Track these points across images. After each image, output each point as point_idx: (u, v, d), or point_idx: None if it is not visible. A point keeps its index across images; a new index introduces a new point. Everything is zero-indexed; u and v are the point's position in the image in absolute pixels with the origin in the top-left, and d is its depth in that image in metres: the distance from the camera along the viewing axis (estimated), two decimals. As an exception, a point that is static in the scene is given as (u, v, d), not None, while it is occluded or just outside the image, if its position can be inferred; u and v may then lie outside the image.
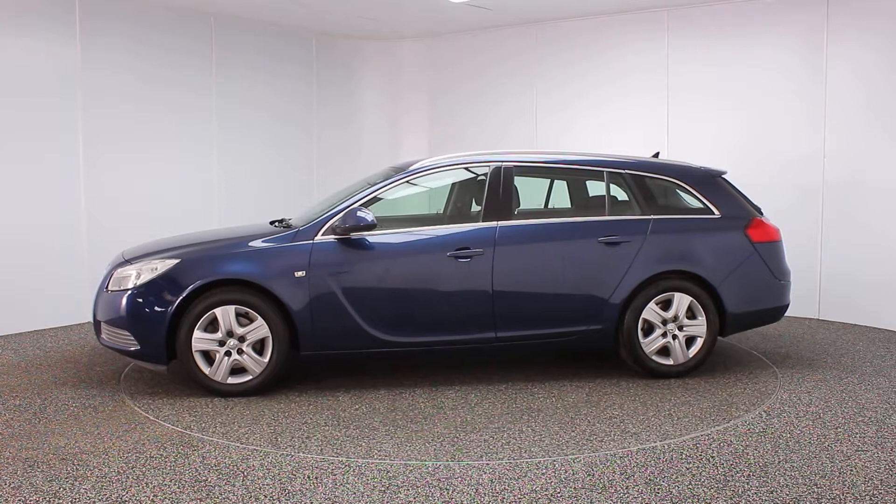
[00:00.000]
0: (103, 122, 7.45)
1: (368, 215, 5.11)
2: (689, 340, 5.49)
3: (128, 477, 3.77)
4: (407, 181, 5.45)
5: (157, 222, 7.62)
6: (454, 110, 9.65)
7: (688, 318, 5.46)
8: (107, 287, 5.21)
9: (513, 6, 8.12)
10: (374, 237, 5.21)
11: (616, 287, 5.36)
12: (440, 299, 5.24)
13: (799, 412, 4.76)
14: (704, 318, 5.45)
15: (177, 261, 5.05)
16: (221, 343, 5.01)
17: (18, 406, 4.91)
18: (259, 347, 5.07)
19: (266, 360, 5.05)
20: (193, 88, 8.21)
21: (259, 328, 5.02)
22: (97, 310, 5.27)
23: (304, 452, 4.11)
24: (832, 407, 4.86)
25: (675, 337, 5.45)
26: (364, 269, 5.16)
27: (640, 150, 7.61)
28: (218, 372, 5.02)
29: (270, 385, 5.13)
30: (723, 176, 5.83)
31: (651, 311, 5.41)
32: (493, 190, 5.44)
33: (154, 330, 4.95)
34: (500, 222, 5.35)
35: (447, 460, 4.00)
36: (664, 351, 5.46)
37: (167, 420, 4.62)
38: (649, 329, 5.44)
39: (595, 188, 5.77)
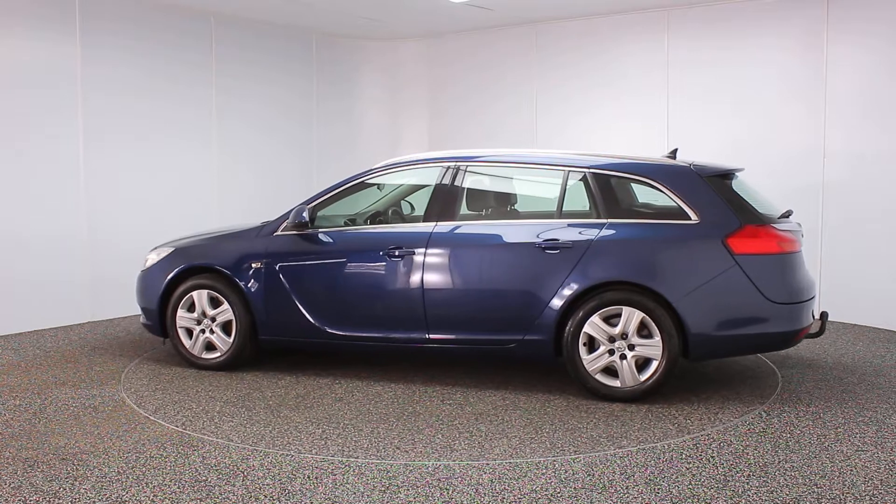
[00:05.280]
0: (103, 122, 7.44)
1: (307, 214, 5.49)
2: (646, 362, 4.86)
3: (128, 477, 3.78)
4: (364, 180, 5.71)
5: (158, 223, 7.63)
6: (454, 110, 9.65)
7: (642, 336, 4.83)
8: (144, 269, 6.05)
9: (513, 6, 8.12)
10: (322, 234, 5.56)
11: (552, 296, 4.94)
12: (375, 296, 5.37)
13: (799, 412, 4.76)
14: (660, 337, 4.81)
15: (171, 250, 5.87)
16: (198, 322, 5.70)
17: (18, 406, 4.91)
18: (230, 329, 5.64)
19: (231, 340, 5.60)
20: (194, 87, 8.20)
21: (225, 311, 5.63)
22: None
23: (304, 452, 4.11)
24: (832, 407, 4.85)
25: (623, 356, 4.86)
26: (309, 264, 5.52)
27: (639, 149, 7.60)
28: (195, 347, 5.72)
29: (239, 362, 5.67)
30: (727, 176, 5.20)
31: (594, 326, 4.87)
32: (438, 190, 5.42)
33: (152, 307, 5.80)
34: (438, 223, 5.31)
35: (447, 460, 4.00)
36: (613, 371, 4.90)
37: (167, 420, 4.63)
38: (599, 345, 4.92)
39: (554, 188, 5.33)
